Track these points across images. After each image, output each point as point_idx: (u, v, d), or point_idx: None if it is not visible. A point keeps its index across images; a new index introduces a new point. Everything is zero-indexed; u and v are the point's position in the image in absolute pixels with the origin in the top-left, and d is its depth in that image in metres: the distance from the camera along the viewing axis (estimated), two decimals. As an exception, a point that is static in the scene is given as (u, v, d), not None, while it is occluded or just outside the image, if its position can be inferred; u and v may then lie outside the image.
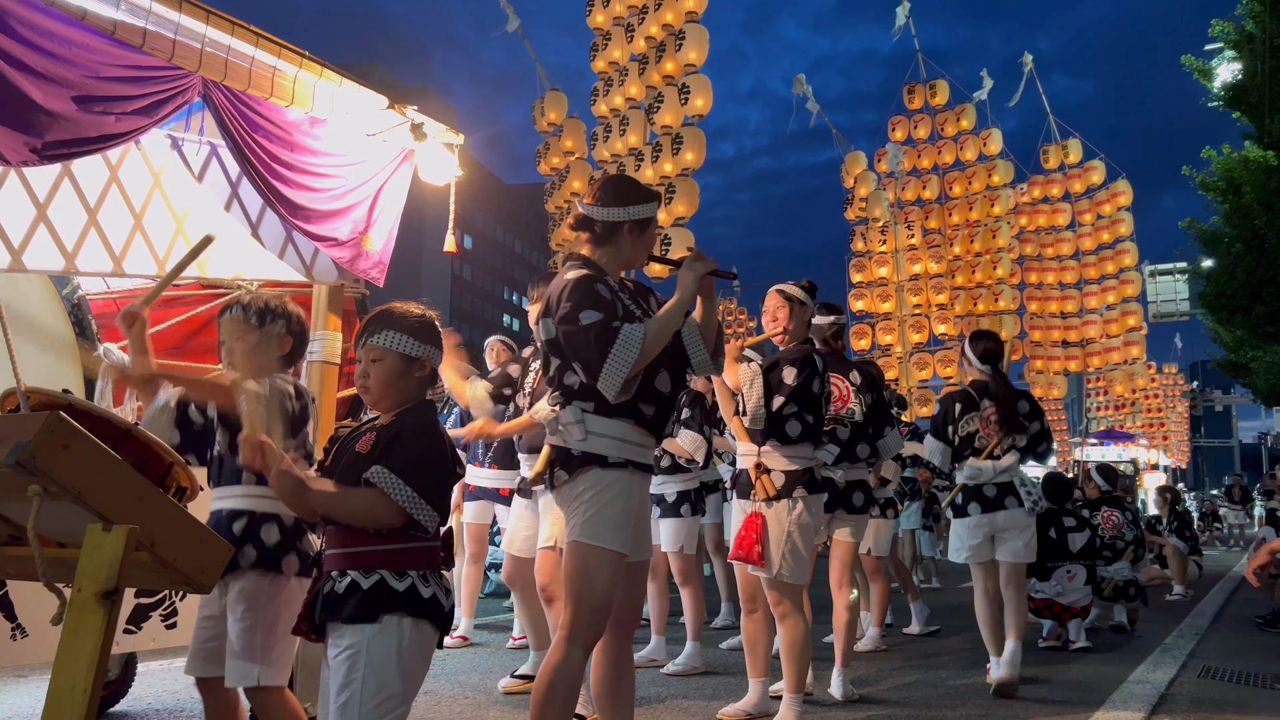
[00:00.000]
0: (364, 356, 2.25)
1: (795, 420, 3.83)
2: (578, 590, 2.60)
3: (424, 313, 2.32)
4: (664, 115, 12.54)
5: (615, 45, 13.72)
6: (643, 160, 12.84)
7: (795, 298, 4.06)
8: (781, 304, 4.06)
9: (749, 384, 3.85)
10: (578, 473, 2.64)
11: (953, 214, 19.01)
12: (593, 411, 2.65)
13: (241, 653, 2.50)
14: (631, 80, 13.36)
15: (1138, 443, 28.83)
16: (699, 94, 12.35)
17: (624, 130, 13.35)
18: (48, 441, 1.63)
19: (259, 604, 2.51)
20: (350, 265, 3.86)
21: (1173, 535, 10.44)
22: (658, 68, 12.82)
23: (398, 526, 2.09)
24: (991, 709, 4.37)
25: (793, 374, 3.82)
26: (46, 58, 2.75)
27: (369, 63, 61.48)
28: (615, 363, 2.54)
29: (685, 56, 12.50)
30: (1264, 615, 7.45)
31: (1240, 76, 13.87)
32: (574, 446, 2.66)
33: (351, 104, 3.73)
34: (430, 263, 58.82)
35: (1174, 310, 35.62)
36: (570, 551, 2.65)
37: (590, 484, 2.63)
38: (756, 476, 3.82)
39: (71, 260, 3.38)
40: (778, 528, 3.76)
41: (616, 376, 2.55)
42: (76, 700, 1.61)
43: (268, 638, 2.51)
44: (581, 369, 2.62)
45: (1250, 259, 14.10)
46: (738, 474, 4.03)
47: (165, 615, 3.40)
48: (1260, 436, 61.85)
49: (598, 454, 2.64)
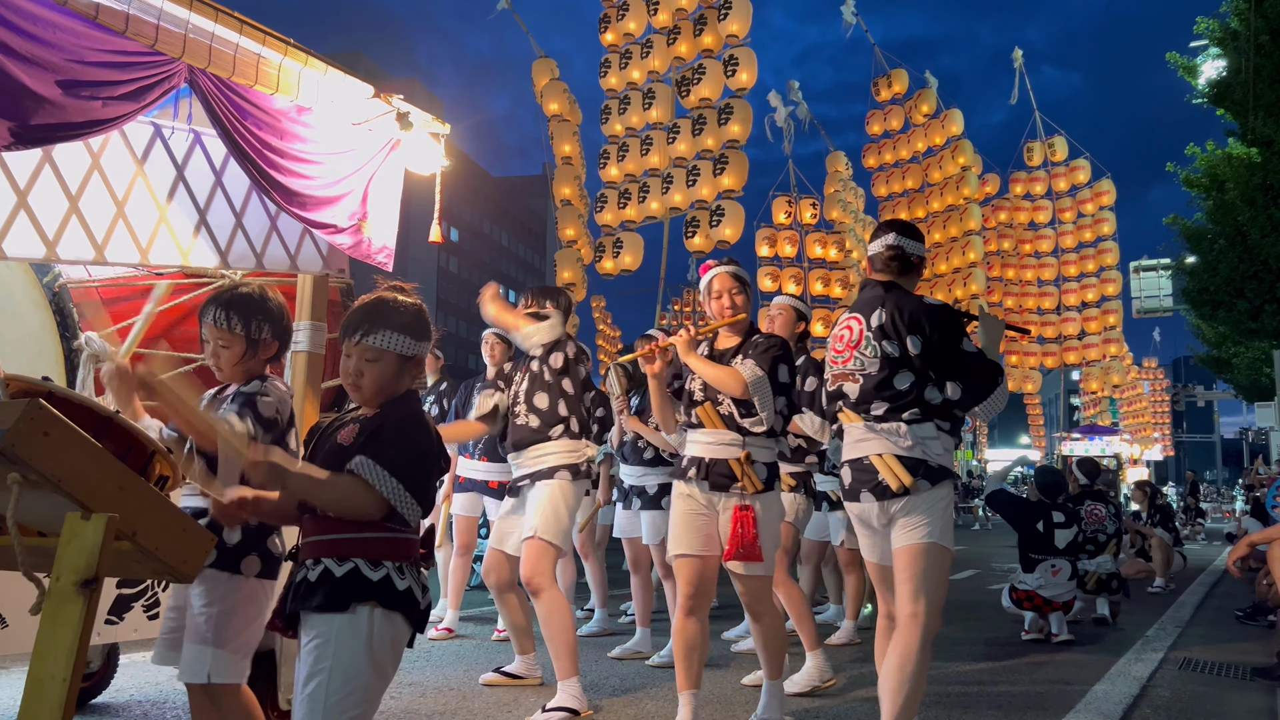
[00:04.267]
0: (357, 354, 2.16)
1: (780, 416, 3.69)
2: (935, 587, 3.04)
3: (418, 305, 2.27)
4: (702, 88, 12.42)
5: (632, 17, 13.50)
6: (677, 134, 12.68)
7: (743, 278, 3.81)
8: (735, 286, 3.77)
9: (760, 387, 3.50)
10: (940, 483, 3.09)
11: (930, 201, 18.96)
12: (947, 431, 3.14)
13: (194, 644, 2.47)
14: (657, 52, 13.14)
15: (1121, 438, 29.05)
16: (745, 67, 12.32)
17: (648, 104, 13.11)
18: (27, 429, 1.61)
19: (214, 598, 2.47)
20: (353, 251, 3.82)
21: (1158, 527, 10.52)
22: (696, 41, 12.67)
23: (377, 518, 2.04)
24: (973, 701, 4.40)
25: (786, 371, 3.65)
26: (29, 41, 2.72)
27: (354, 54, 61.26)
28: (1001, 394, 3.15)
29: (728, 28, 12.42)
30: (1245, 608, 7.52)
31: (1225, 73, 13.96)
32: (933, 459, 3.09)
33: (337, 92, 3.70)
34: (416, 255, 58.62)
35: (1157, 306, 35.83)
36: (933, 554, 3.06)
37: (946, 494, 3.11)
38: (743, 469, 3.55)
39: (53, 248, 3.34)
40: (765, 521, 3.56)
41: (1000, 404, 3.16)
42: (56, 690, 1.59)
43: (221, 632, 2.47)
44: (964, 391, 3.11)
45: (1233, 255, 14.20)
46: (690, 463, 3.61)
47: (147, 606, 3.38)
48: (1241, 432, 62.29)
49: (949, 468, 3.12)
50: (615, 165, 13.48)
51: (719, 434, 3.59)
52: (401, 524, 2.07)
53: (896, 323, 3.15)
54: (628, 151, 13.34)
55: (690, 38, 12.79)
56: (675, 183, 12.68)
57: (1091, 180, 22.12)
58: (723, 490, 3.55)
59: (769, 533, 3.56)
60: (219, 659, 2.47)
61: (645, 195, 13.14)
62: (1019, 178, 22.50)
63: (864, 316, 3.24)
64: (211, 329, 2.63)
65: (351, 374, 2.18)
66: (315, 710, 1.97)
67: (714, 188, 12.27)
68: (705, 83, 12.46)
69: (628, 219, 13.24)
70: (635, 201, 13.22)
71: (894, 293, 3.26)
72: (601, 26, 13.90)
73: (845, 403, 3.24)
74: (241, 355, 2.62)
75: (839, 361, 3.29)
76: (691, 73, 12.71)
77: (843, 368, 3.27)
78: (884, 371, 3.14)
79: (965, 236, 17.81)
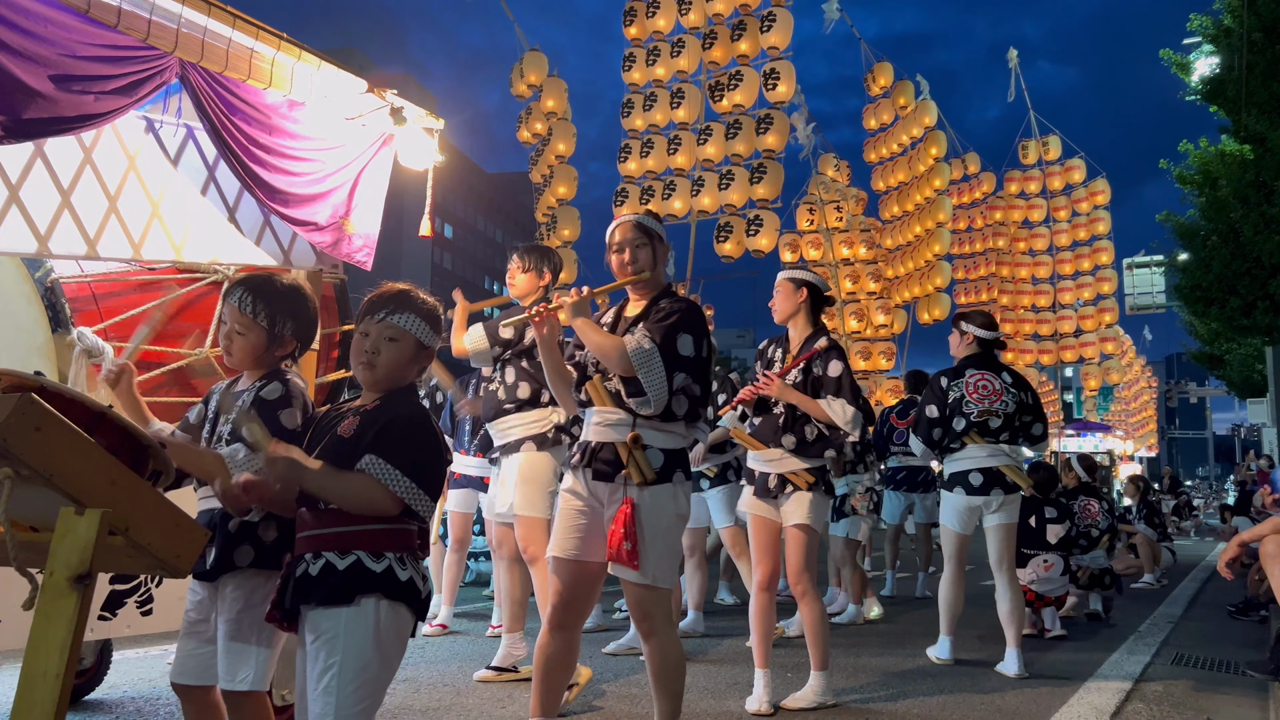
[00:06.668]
0: (377, 332, 2.18)
1: (683, 395, 3.06)
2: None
3: (437, 303, 2.32)
4: (736, 95, 12.53)
5: (662, 14, 13.54)
6: (709, 136, 12.74)
7: (656, 233, 3.23)
8: (639, 238, 3.19)
9: (646, 360, 2.94)
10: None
11: (914, 194, 18.92)
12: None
13: (239, 644, 2.39)
14: (688, 52, 13.17)
15: (1114, 434, 29.15)
16: (784, 80, 12.52)
17: (676, 104, 13.16)
18: (19, 424, 1.60)
19: (256, 601, 2.39)
20: (333, 250, 3.82)
21: (1141, 523, 10.60)
22: (732, 46, 12.77)
23: (394, 514, 2.06)
24: (968, 695, 4.40)
25: (691, 342, 3.03)
26: (22, 35, 2.71)
27: (347, 49, 60.94)
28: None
29: (768, 40, 12.59)
30: (1236, 603, 7.54)
31: (1218, 70, 13.97)
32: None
33: (330, 87, 3.69)
34: (410, 250, 58.49)
35: (1150, 303, 35.98)
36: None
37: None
38: (629, 453, 2.98)
39: (44, 243, 3.33)
40: (656, 519, 2.97)
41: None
42: (49, 686, 1.58)
43: (260, 636, 2.40)
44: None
45: (1226, 252, 14.22)
46: (577, 449, 3.16)
47: (141, 602, 3.37)
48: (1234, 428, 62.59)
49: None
50: (636, 160, 13.48)
51: (606, 413, 3.05)
52: (410, 516, 2.09)
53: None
54: (652, 148, 13.39)
55: (727, 43, 12.95)
56: (706, 185, 12.74)
57: (1086, 180, 22.18)
58: (606, 480, 3.00)
59: (658, 535, 2.97)
60: (262, 661, 2.39)
61: (670, 193, 13.17)
62: (1014, 176, 22.54)
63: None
64: (234, 312, 2.49)
65: (368, 351, 2.18)
66: (329, 704, 1.99)
67: (744, 194, 12.36)
68: (741, 89, 12.60)
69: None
70: (659, 199, 13.26)
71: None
72: (626, 20, 13.95)
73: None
74: (256, 346, 2.49)
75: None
76: (728, 78, 12.83)
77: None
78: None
79: (938, 228, 17.74)
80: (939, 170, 17.91)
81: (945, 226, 17.79)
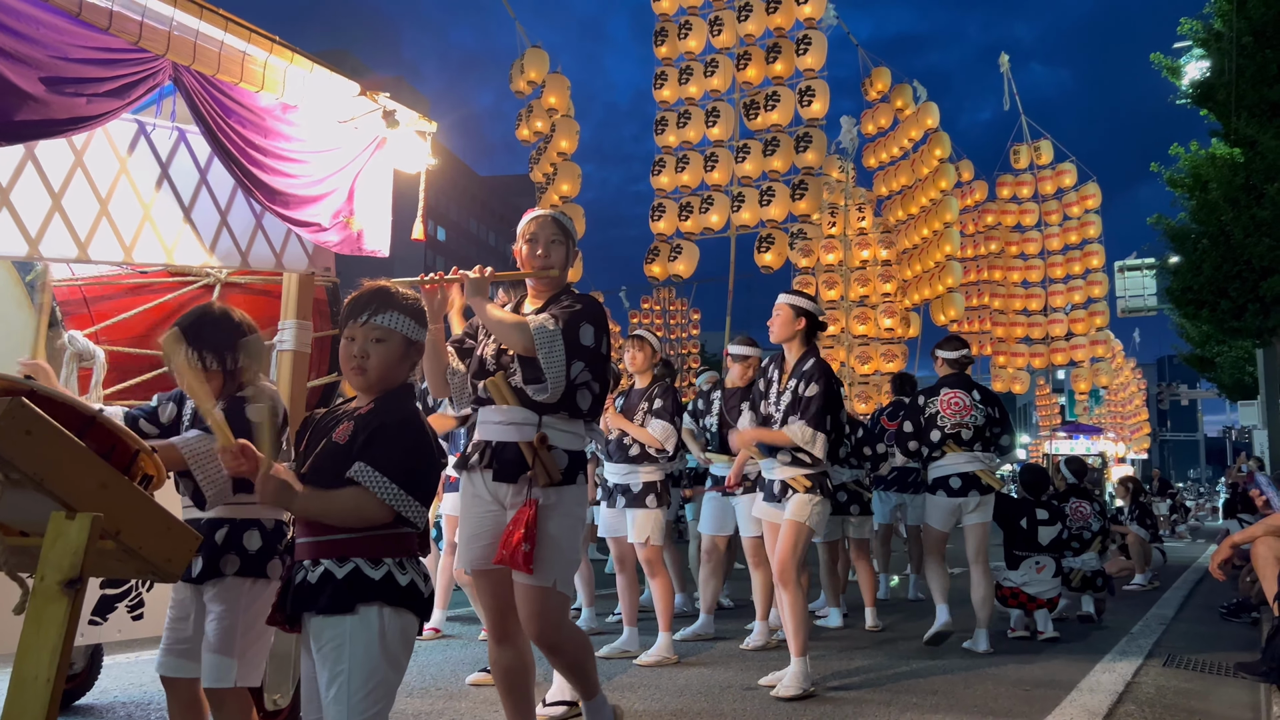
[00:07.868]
0: (363, 335, 2.17)
1: (586, 390, 3.01)
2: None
3: (418, 297, 2.31)
4: (773, 115, 12.89)
5: (694, 36, 13.82)
6: (747, 154, 13.09)
7: (571, 234, 3.21)
8: (554, 233, 3.16)
9: (549, 341, 2.88)
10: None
11: (918, 196, 18.93)
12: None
13: (220, 651, 2.47)
14: (722, 72, 13.48)
15: (1106, 436, 29.23)
16: (819, 98, 12.91)
17: (712, 122, 13.47)
18: (9, 427, 1.60)
19: (240, 606, 2.48)
20: (342, 248, 3.80)
21: (1134, 523, 10.63)
22: (767, 68, 13.14)
23: (387, 523, 2.06)
24: (959, 697, 4.41)
25: (593, 334, 2.99)
26: (12, 37, 2.69)
27: (339, 51, 60.83)
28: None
29: (804, 61, 12.97)
30: (1228, 604, 7.57)
31: (1208, 74, 14.05)
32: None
33: (323, 90, 3.68)
34: (402, 254, 58.10)
35: (1142, 305, 36.08)
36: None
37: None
38: (534, 453, 2.90)
39: (35, 246, 3.31)
40: (560, 522, 2.90)
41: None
42: (40, 690, 1.58)
43: (246, 638, 2.49)
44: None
45: (1216, 255, 14.29)
46: (474, 449, 3.06)
47: (131, 606, 3.35)
48: (1225, 430, 62.74)
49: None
50: (669, 174, 13.85)
51: (509, 411, 2.97)
52: (405, 523, 2.08)
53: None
54: (687, 164, 13.75)
55: (761, 64, 13.25)
56: (747, 200, 13.06)
57: (1077, 184, 22.22)
58: (510, 481, 2.92)
59: (559, 537, 2.89)
60: (246, 665, 2.49)
61: (708, 207, 13.53)
62: (1005, 181, 22.54)
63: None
64: (181, 365, 2.35)
65: (356, 356, 2.17)
66: (341, 713, 2.00)
67: (784, 209, 12.64)
68: (779, 109, 12.92)
69: (687, 230, 13.63)
70: (697, 213, 13.62)
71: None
72: (657, 40, 14.27)
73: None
74: (217, 388, 2.54)
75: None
76: (764, 98, 13.13)
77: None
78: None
79: (945, 229, 17.77)
80: (944, 171, 17.94)
81: (954, 227, 17.86)
